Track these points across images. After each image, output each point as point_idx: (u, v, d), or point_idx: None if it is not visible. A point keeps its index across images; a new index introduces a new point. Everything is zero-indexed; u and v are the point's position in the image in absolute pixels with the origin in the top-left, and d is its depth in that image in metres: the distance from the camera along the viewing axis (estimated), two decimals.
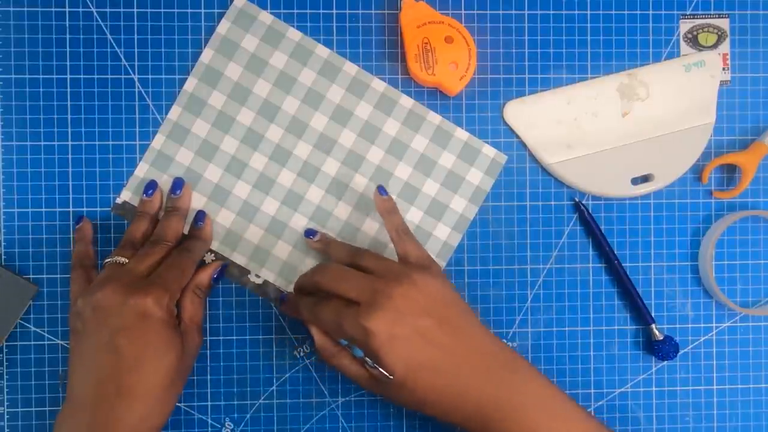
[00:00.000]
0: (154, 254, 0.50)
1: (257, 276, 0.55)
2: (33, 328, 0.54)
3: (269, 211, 0.55)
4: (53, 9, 0.54)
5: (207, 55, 0.55)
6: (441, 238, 0.56)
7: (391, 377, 0.45)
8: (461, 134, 0.56)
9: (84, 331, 0.47)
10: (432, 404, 0.46)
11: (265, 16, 0.55)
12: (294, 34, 0.55)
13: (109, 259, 0.50)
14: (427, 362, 0.45)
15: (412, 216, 0.56)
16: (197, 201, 0.55)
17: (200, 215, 0.54)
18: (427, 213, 0.56)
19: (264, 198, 0.55)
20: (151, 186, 0.53)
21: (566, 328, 0.57)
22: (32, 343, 0.54)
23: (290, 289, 0.55)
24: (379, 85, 0.55)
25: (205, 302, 0.53)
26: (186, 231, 0.54)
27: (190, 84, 0.55)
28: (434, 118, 0.56)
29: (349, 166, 0.55)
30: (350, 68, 0.55)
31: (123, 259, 0.50)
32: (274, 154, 0.55)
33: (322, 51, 0.55)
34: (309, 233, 0.54)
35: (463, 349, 0.46)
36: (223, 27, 0.55)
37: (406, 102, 0.56)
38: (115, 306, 0.46)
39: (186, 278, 0.51)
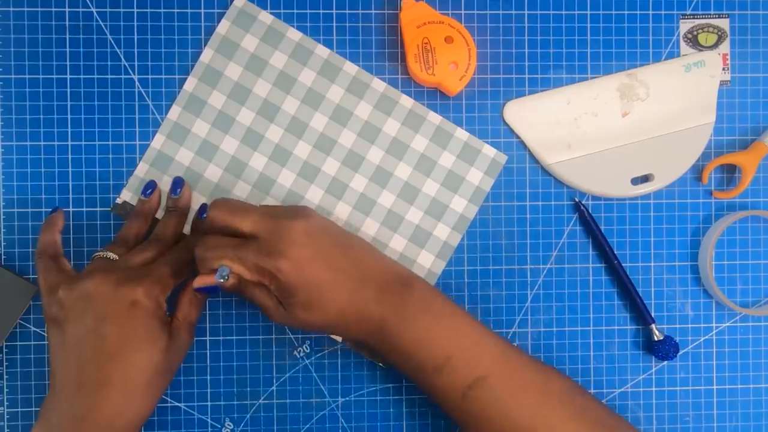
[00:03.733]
0: (149, 251, 0.50)
1: None
2: (33, 328, 0.54)
3: None
4: (53, 9, 0.54)
5: (207, 55, 0.55)
6: (441, 238, 0.56)
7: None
8: (461, 134, 0.56)
9: (66, 318, 0.47)
10: (337, 322, 0.48)
11: (265, 16, 0.55)
12: (294, 34, 0.55)
13: (99, 253, 0.50)
14: (328, 282, 0.47)
15: (412, 216, 0.56)
16: (197, 201, 0.55)
17: (203, 207, 0.54)
18: (427, 213, 0.56)
19: (264, 198, 0.55)
20: (149, 186, 0.53)
21: (566, 328, 0.57)
22: (32, 343, 0.54)
23: None
24: (379, 85, 0.55)
25: (204, 303, 0.53)
26: (186, 231, 0.54)
27: (190, 84, 0.55)
28: (434, 118, 0.56)
29: (349, 166, 0.55)
30: (350, 68, 0.55)
31: (113, 255, 0.50)
32: (274, 154, 0.55)
33: (322, 51, 0.55)
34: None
35: (360, 268, 0.48)
36: (223, 27, 0.55)
37: (406, 102, 0.56)
38: (104, 294, 0.46)
39: (182, 275, 0.50)
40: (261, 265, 0.46)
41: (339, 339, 0.56)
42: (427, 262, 0.56)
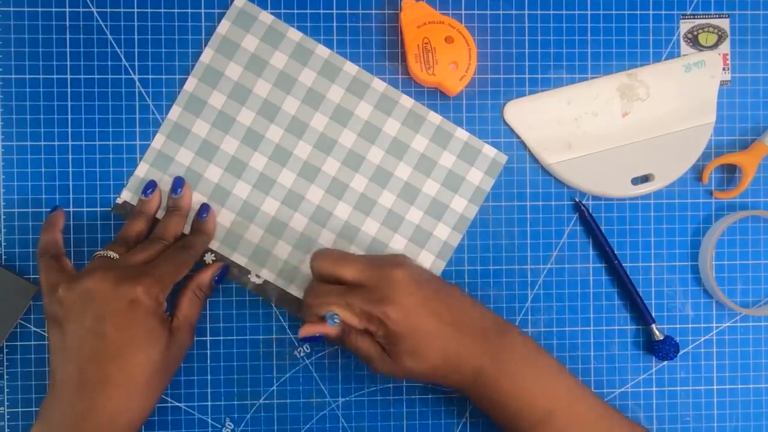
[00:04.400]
0: (150, 250, 0.50)
1: (257, 276, 0.55)
2: (33, 328, 0.54)
3: (269, 211, 0.55)
4: (53, 9, 0.54)
5: (207, 55, 0.55)
6: (441, 238, 0.56)
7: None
8: (461, 134, 0.56)
9: (66, 317, 0.47)
10: (436, 370, 0.49)
11: (266, 16, 0.55)
12: (294, 34, 0.55)
13: (100, 252, 0.50)
14: (434, 330, 0.48)
15: (412, 216, 0.56)
16: (197, 201, 0.55)
17: (204, 207, 0.54)
18: (427, 213, 0.56)
19: (264, 198, 0.55)
20: (150, 186, 0.53)
21: (566, 328, 0.57)
22: (32, 343, 0.54)
23: (290, 289, 0.55)
24: (379, 85, 0.55)
25: (204, 303, 0.53)
26: (186, 231, 0.54)
27: (190, 84, 0.55)
28: (434, 118, 0.56)
29: (349, 166, 0.55)
30: (350, 68, 0.55)
31: (113, 254, 0.49)
32: (274, 154, 0.55)
33: (322, 51, 0.55)
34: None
35: (460, 317, 0.49)
36: (223, 27, 0.55)
37: (406, 102, 0.56)
38: (103, 292, 0.46)
39: (181, 273, 0.50)
40: (369, 312, 0.47)
41: None
42: (427, 262, 0.56)
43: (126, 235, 0.52)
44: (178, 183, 0.53)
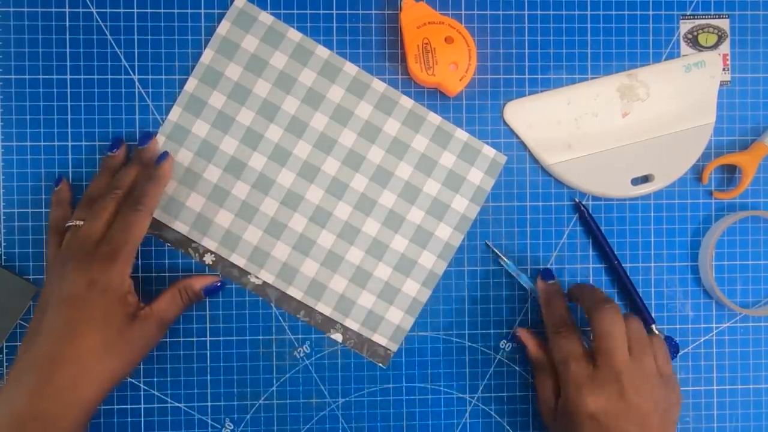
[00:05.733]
0: (105, 210, 0.49)
1: (257, 277, 0.55)
2: None
3: (269, 211, 0.55)
4: (53, 9, 0.54)
5: (207, 55, 0.55)
6: (443, 238, 0.56)
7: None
8: (461, 135, 0.56)
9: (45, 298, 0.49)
10: None
11: (266, 17, 0.55)
12: (294, 34, 0.55)
13: (70, 223, 0.50)
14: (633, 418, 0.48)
15: (414, 216, 0.56)
16: (197, 201, 0.55)
17: (163, 154, 0.53)
18: (429, 213, 0.56)
19: (263, 198, 0.55)
20: (115, 144, 0.53)
21: None
22: None
23: (289, 291, 0.55)
24: (379, 85, 0.55)
25: (186, 306, 0.53)
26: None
27: (191, 84, 0.55)
28: (434, 118, 0.56)
29: (349, 166, 0.55)
30: (350, 68, 0.55)
31: (80, 222, 0.50)
32: (274, 154, 0.55)
33: (322, 51, 0.55)
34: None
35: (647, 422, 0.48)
36: (223, 27, 0.55)
37: (406, 102, 0.56)
38: (65, 275, 0.47)
39: (136, 235, 0.49)
40: (638, 346, 0.49)
41: (339, 339, 0.56)
42: (429, 263, 0.56)
43: (90, 194, 0.52)
44: (147, 136, 0.53)
